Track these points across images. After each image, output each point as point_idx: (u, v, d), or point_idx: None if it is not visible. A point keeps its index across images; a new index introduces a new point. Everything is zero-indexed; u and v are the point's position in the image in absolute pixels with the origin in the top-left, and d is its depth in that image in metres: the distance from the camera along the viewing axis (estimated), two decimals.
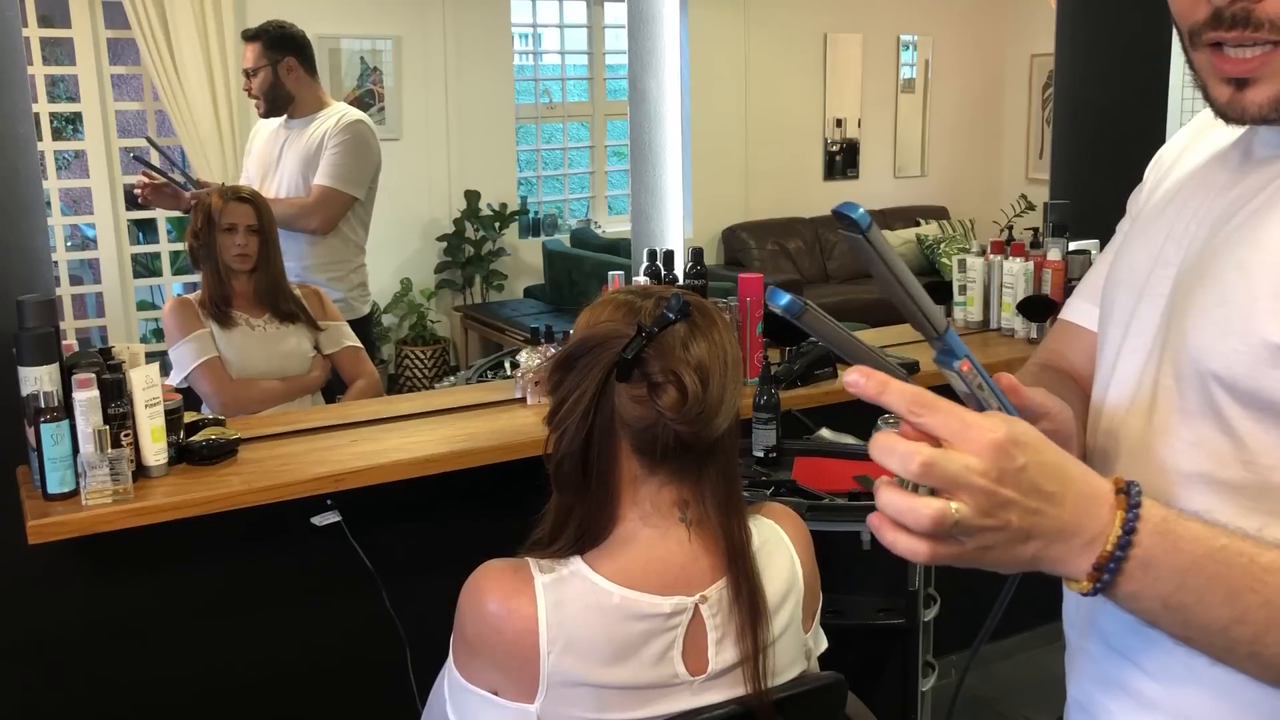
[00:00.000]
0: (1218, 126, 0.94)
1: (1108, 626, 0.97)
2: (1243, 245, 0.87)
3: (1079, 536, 0.73)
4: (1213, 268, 0.89)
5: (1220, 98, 0.87)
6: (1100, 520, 0.73)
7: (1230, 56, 0.84)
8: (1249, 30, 0.82)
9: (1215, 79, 0.87)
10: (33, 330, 1.81)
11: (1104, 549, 0.73)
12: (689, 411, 1.22)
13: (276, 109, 3.33)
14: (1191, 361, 0.88)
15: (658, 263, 2.47)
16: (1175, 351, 0.91)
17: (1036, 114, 7.53)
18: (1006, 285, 2.88)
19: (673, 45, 3.08)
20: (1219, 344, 0.86)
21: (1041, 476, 0.72)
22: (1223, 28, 0.83)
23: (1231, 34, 0.83)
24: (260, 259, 2.75)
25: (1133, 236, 1.05)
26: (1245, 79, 0.84)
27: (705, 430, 1.24)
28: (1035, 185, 6.94)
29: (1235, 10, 0.82)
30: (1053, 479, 0.72)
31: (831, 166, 7.33)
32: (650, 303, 1.27)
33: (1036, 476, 0.71)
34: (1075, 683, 1.05)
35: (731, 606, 1.28)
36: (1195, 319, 0.89)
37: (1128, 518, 0.73)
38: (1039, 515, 0.72)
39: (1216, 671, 0.85)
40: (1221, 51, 0.85)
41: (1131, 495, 0.74)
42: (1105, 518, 0.73)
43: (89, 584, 2.08)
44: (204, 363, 2.64)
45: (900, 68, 7.52)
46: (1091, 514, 0.73)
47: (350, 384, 2.85)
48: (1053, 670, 1.00)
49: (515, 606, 1.21)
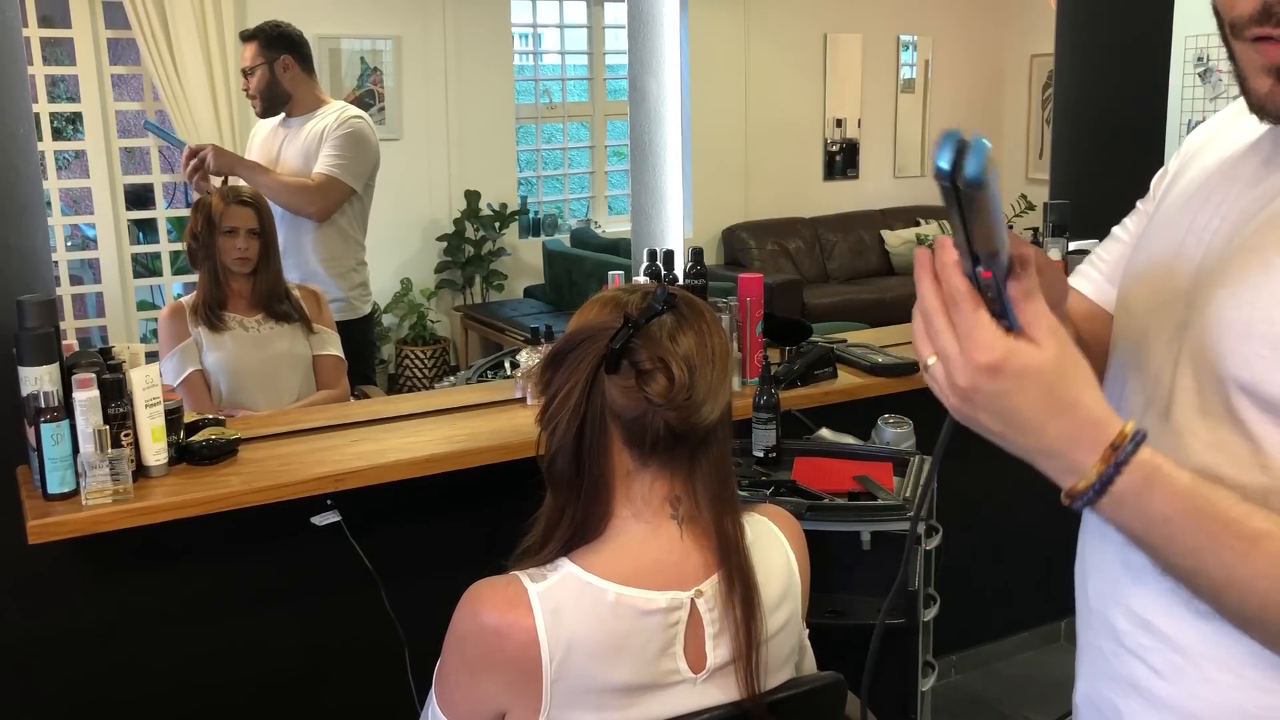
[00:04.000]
0: (1246, 118, 0.93)
1: (1120, 625, 0.97)
2: (1266, 246, 0.86)
3: (1057, 460, 0.78)
4: (1234, 267, 0.88)
5: (1260, 89, 0.86)
6: (1084, 459, 0.77)
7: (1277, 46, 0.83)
8: None
9: (1257, 71, 0.86)
10: (33, 330, 1.81)
11: (1078, 484, 0.77)
12: (676, 398, 1.22)
13: (274, 108, 3.34)
14: (1211, 363, 0.88)
15: (658, 263, 2.47)
16: (1195, 352, 0.90)
17: (1036, 114, 7.53)
18: None
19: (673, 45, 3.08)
20: (1240, 347, 0.85)
21: (1020, 405, 0.76)
22: (1270, 23, 0.83)
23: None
24: (260, 262, 2.75)
25: (1155, 228, 1.03)
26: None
27: (694, 418, 1.24)
28: (1035, 185, 6.93)
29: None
30: (1033, 410, 0.76)
31: (831, 166, 7.33)
32: (637, 296, 1.28)
33: (1014, 404, 0.76)
34: (1085, 680, 1.05)
35: (726, 602, 1.28)
36: (1216, 320, 0.88)
37: (1106, 471, 0.76)
38: (1007, 435, 0.78)
39: (1227, 674, 0.86)
40: (1268, 42, 0.84)
41: (1121, 453, 0.76)
42: (1089, 460, 0.77)
43: (89, 584, 2.08)
44: (184, 380, 2.64)
45: (900, 68, 7.52)
46: (1077, 449, 0.77)
47: (319, 389, 2.85)
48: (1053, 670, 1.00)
49: (515, 619, 1.20)
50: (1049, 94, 6.56)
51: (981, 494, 2.71)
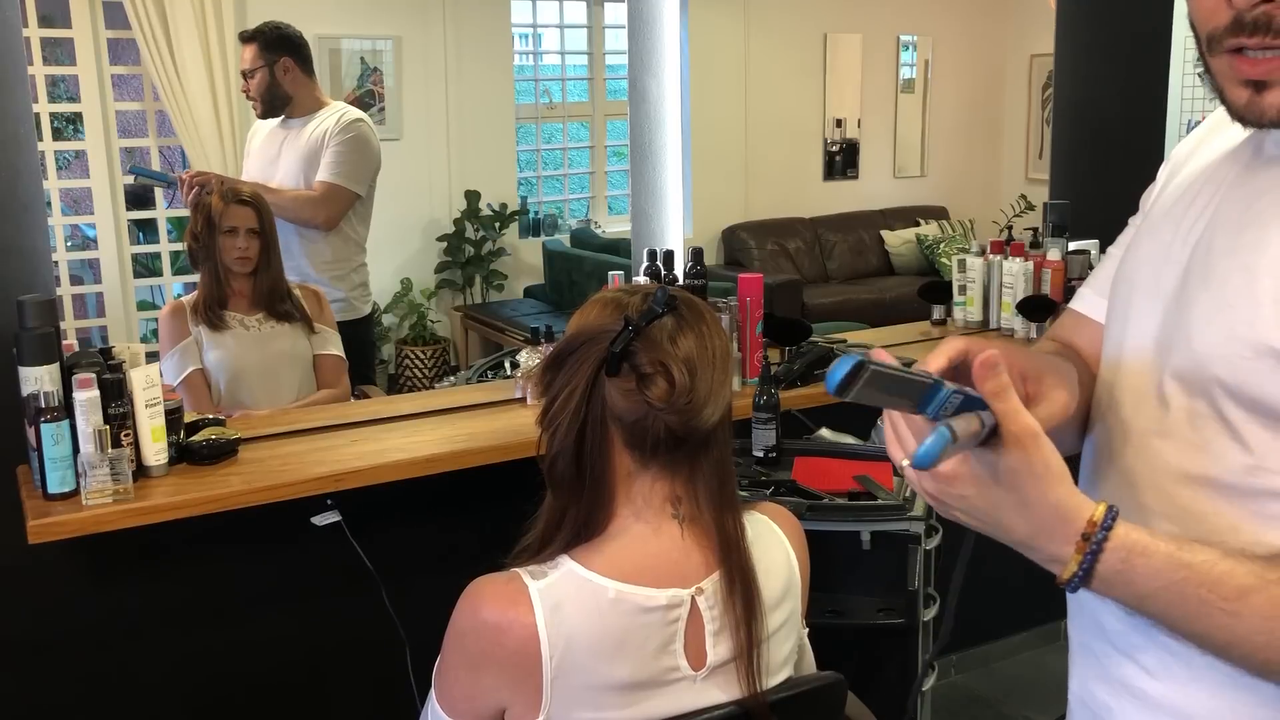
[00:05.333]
0: (1231, 124, 0.94)
1: (1111, 625, 0.98)
2: (1247, 248, 0.87)
3: (1037, 553, 0.82)
4: (1218, 269, 0.89)
5: (1239, 101, 0.87)
6: (1061, 549, 0.81)
7: (1251, 59, 0.85)
8: (1269, 36, 0.83)
9: (1233, 82, 0.87)
10: (33, 330, 1.81)
11: (1062, 576, 0.81)
12: (677, 402, 1.22)
13: (274, 109, 3.34)
14: (1196, 365, 0.88)
15: (658, 263, 2.47)
16: (1180, 354, 0.91)
17: (1036, 114, 7.53)
18: (1006, 285, 2.88)
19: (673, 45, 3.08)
20: (1223, 349, 0.86)
21: (985, 508, 0.81)
22: (1244, 33, 0.84)
23: (1253, 39, 0.84)
24: (261, 261, 2.75)
25: (1143, 233, 1.04)
26: (1264, 82, 0.85)
27: (695, 421, 1.24)
28: (1035, 185, 6.93)
29: (1256, 15, 0.83)
30: (999, 511, 0.81)
31: (831, 166, 7.33)
32: (637, 298, 1.28)
33: (979, 507, 0.81)
34: (1078, 680, 1.06)
35: (726, 600, 1.28)
36: (1199, 322, 0.89)
37: (1083, 560, 0.80)
38: (985, 531, 0.83)
39: (1218, 673, 0.86)
40: (1242, 55, 0.85)
41: (1093, 542, 0.79)
42: (1066, 551, 0.80)
43: (89, 584, 2.08)
44: (185, 379, 2.64)
45: (900, 68, 7.51)
46: (1053, 540, 0.81)
47: (320, 389, 2.85)
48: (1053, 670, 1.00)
49: (515, 615, 1.20)
50: (1049, 94, 6.56)
51: None
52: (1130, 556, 0.79)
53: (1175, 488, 0.90)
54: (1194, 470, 0.89)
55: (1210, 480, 0.88)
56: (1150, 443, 0.93)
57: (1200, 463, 0.88)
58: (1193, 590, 0.79)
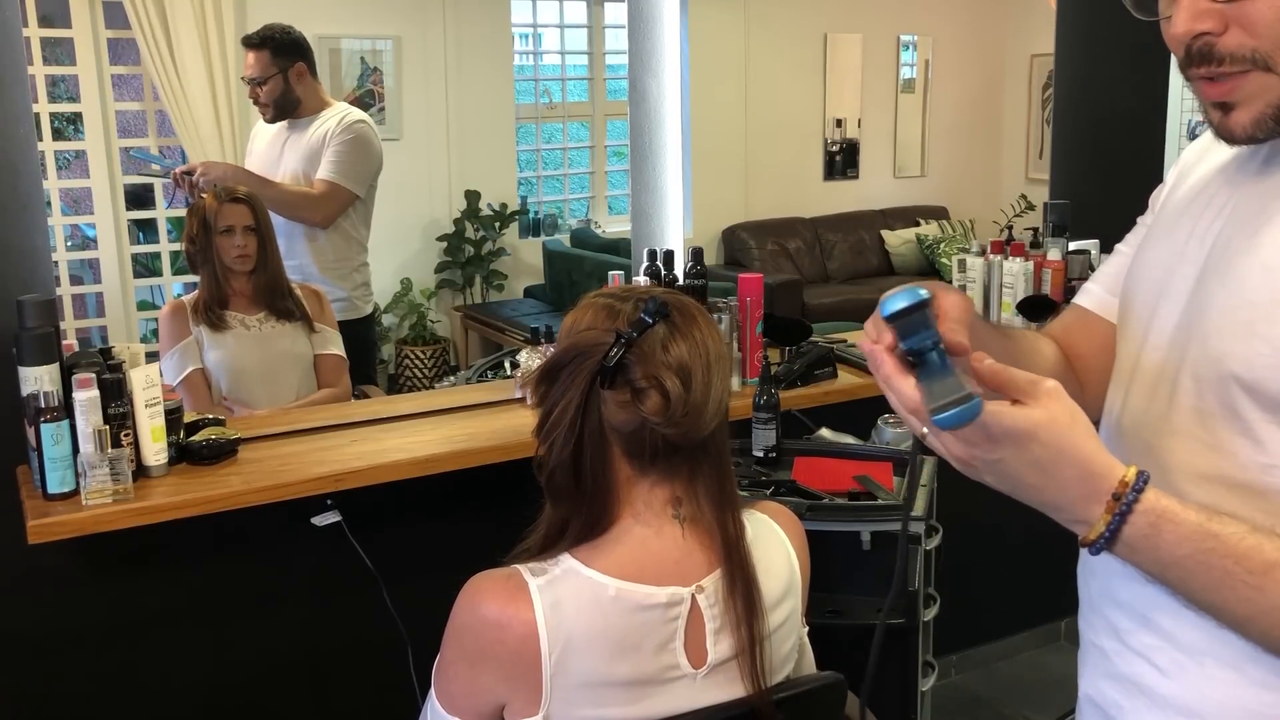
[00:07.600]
0: None
1: (1122, 624, 0.98)
2: (1266, 246, 0.87)
3: (1064, 513, 0.81)
4: (1235, 268, 0.89)
5: (1213, 120, 0.92)
6: (1090, 512, 0.80)
7: (1212, 83, 0.89)
8: (1213, 65, 0.87)
9: (1206, 105, 0.92)
10: (33, 330, 1.81)
11: (1088, 536, 0.81)
12: (673, 414, 1.22)
13: (284, 115, 3.31)
14: (1212, 363, 0.89)
15: (658, 263, 2.47)
16: (1196, 352, 0.91)
17: (1036, 114, 7.53)
18: (1006, 285, 2.88)
19: (673, 45, 3.08)
20: (1241, 346, 0.86)
21: (1018, 468, 0.80)
22: (1193, 64, 0.89)
23: (1201, 69, 0.88)
24: (260, 258, 2.74)
25: (1156, 232, 1.05)
26: (1228, 103, 0.89)
27: (692, 430, 1.24)
28: (1035, 185, 6.93)
29: (1199, 45, 0.88)
30: (1031, 470, 0.80)
31: (831, 166, 7.33)
32: (629, 305, 1.27)
33: (1011, 468, 0.80)
34: (1088, 679, 1.06)
35: (727, 598, 1.28)
36: (1217, 320, 0.89)
37: (1112, 521, 0.79)
38: (1014, 493, 0.82)
39: (1229, 672, 0.86)
40: (1202, 81, 0.90)
41: (1123, 502, 0.79)
42: (1094, 511, 0.80)
43: (89, 584, 2.08)
44: (185, 378, 2.64)
45: (900, 68, 7.52)
46: (1081, 502, 0.80)
47: (320, 388, 2.85)
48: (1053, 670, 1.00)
49: (515, 611, 1.20)
50: (1049, 94, 6.56)
51: (982, 494, 2.71)
52: (1160, 521, 0.79)
53: (1190, 486, 0.90)
54: (1209, 469, 0.89)
55: (1225, 479, 0.88)
56: (1165, 440, 0.93)
57: (1215, 461, 0.89)
58: (1218, 561, 0.79)
